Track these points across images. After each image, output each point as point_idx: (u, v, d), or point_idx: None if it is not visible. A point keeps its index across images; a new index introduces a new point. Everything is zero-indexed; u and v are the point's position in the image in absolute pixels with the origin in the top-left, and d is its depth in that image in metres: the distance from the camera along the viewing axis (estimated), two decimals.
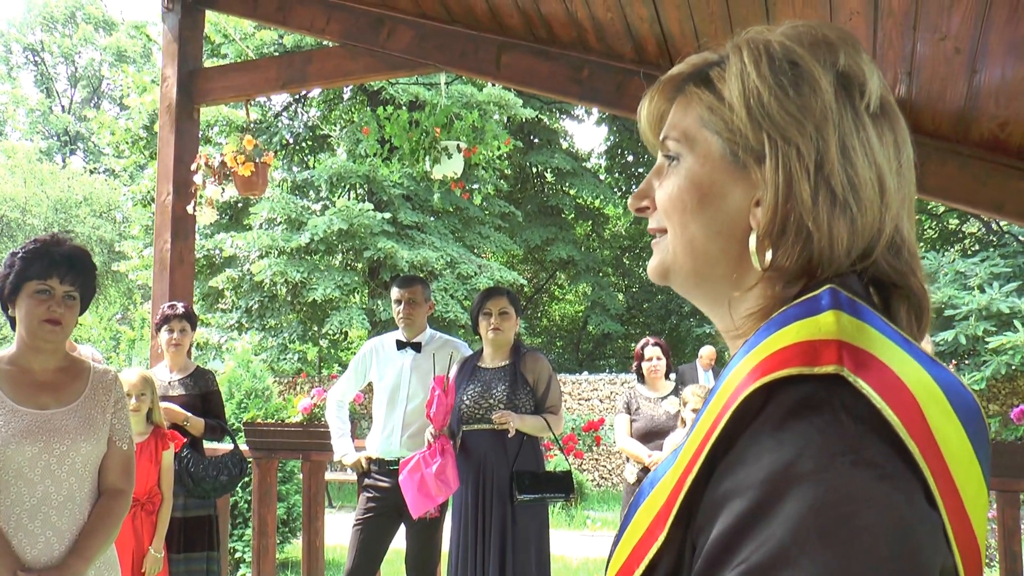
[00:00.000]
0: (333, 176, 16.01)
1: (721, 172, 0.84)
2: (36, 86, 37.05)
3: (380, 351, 4.63)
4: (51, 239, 2.57)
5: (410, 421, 4.42)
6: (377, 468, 4.45)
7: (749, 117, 0.81)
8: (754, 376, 0.71)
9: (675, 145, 0.88)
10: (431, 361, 4.41)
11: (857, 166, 0.78)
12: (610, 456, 13.93)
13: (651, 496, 0.79)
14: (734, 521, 0.66)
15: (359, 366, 4.68)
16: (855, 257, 0.79)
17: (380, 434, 4.48)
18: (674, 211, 0.87)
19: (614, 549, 0.84)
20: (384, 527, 4.44)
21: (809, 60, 0.81)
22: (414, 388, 4.44)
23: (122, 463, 2.61)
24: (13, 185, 26.38)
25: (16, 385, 2.47)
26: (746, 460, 0.68)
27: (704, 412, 0.77)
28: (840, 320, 0.72)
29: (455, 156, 4.80)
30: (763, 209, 0.80)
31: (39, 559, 2.37)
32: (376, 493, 4.42)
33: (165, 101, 5.57)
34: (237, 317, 16.22)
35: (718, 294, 0.87)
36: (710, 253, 0.85)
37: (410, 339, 4.53)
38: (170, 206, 5.38)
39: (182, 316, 4.66)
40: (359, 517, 4.44)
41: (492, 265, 16.95)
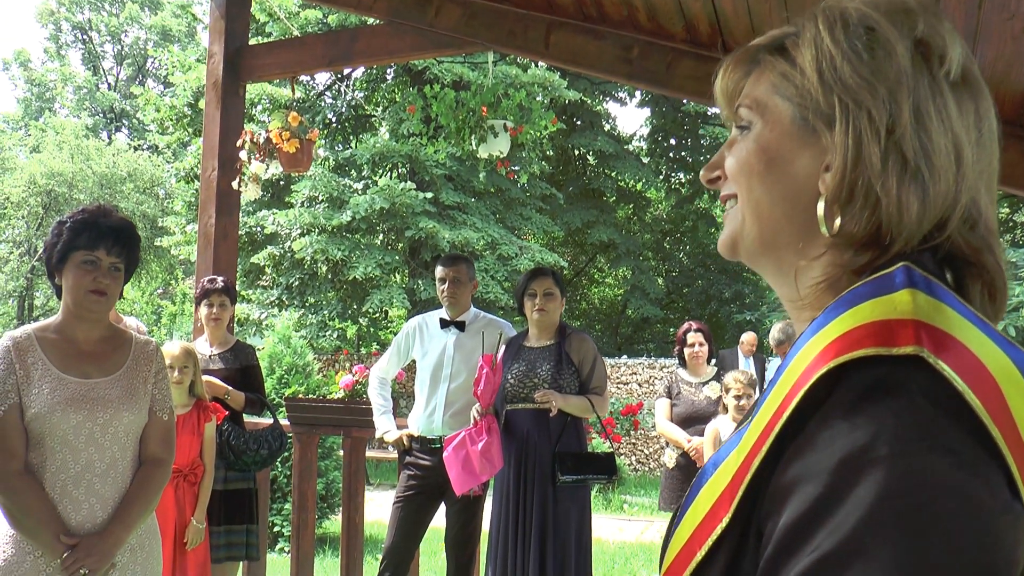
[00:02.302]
0: (375, 155, 16.05)
1: (790, 137, 0.83)
2: (84, 64, 37.56)
3: (424, 329, 4.61)
4: (98, 210, 2.58)
5: (452, 400, 4.40)
6: (419, 446, 4.44)
7: (820, 81, 0.80)
8: (825, 357, 0.69)
9: (747, 113, 0.88)
10: (474, 340, 4.39)
11: (931, 132, 0.76)
12: (647, 441, 13.89)
13: (714, 477, 0.78)
14: (806, 507, 0.64)
15: (402, 344, 4.67)
16: (928, 228, 0.77)
17: (422, 412, 4.47)
18: (741, 175, 0.87)
19: (673, 530, 0.82)
20: (424, 505, 4.43)
21: (885, 25, 0.79)
22: (457, 367, 4.42)
23: (162, 433, 2.62)
24: (61, 160, 26.75)
25: (61, 354, 2.49)
26: (817, 444, 0.66)
27: (771, 393, 0.75)
28: (916, 299, 0.70)
29: (501, 135, 4.76)
30: (832, 174, 0.79)
31: (83, 525, 2.39)
32: (417, 471, 4.41)
33: (211, 78, 5.58)
34: (277, 294, 16.37)
35: (784, 262, 0.86)
36: (775, 218, 0.84)
37: (454, 318, 4.50)
38: (215, 182, 5.40)
39: (222, 291, 4.67)
40: (400, 494, 4.44)
41: (533, 247, 16.93)
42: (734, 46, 3.66)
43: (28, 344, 2.46)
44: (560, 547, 4.02)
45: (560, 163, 21.47)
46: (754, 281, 22.09)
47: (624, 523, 9.35)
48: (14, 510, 2.36)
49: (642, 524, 9.34)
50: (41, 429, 2.38)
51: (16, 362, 2.42)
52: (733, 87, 0.92)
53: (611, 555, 7.35)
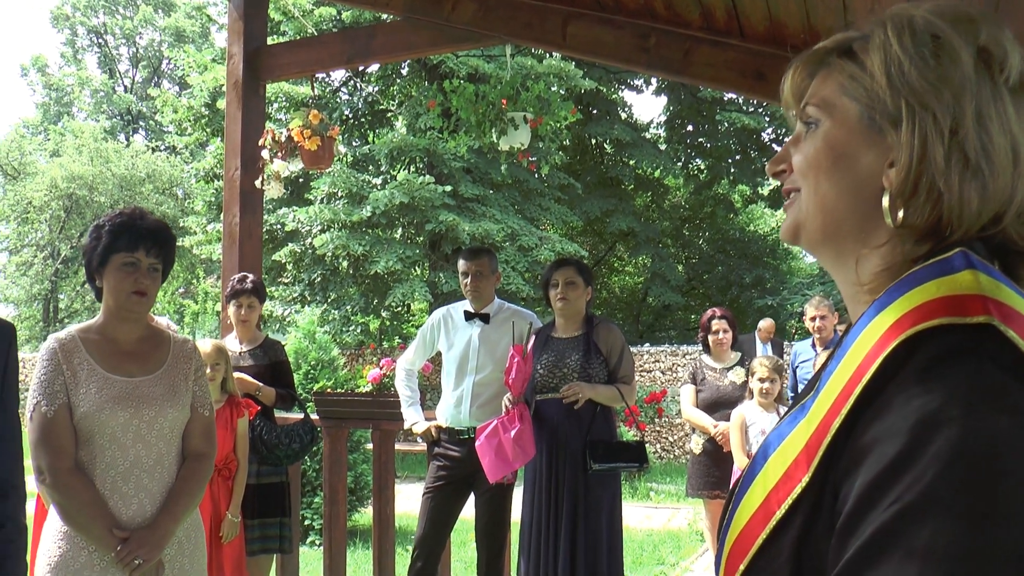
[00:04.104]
0: (393, 150, 16.10)
1: (857, 135, 0.89)
2: (100, 67, 37.79)
3: (448, 321, 4.62)
4: (134, 212, 2.62)
5: (479, 392, 4.40)
6: (447, 437, 4.46)
7: (889, 84, 0.86)
8: (900, 327, 0.76)
9: (815, 111, 0.94)
10: (500, 332, 4.42)
11: (992, 133, 0.83)
12: (672, 428, 13.90)
13: (782, 447, 0.84)
14: (885, 464, 0.70)
15: (427, 335, 4.68)
16: (985, 221, 0.84)
17: (449, 404, 4.48)
18: (809, 171, 0.93)
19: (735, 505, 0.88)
20: (454, 496, 4.45)
21: (950, 33, 0.85)
22: (483, 359, 4.42)
23: (204, 428, 2.68)
24: (80, 164, 26.98)
25: (105, 354, 2.55)
26: (894, 407, 0.72)
27: (838, 366, 0.81)
28: (979, 278, 0.77)
29: (521, 127, 4.79)
30: (897, 170, 0.84)
31: (133, 519, 2.45)
32: (446, 462, 4.43)
33: (231, 78, 5.62)
34: (300, 290, 16.46)
35: (845, 251, 0.92)
36: (839, 210, 0.90)
37: (478, 310, 4.51)
38: (238, 181, 5.45)
39: (250, 292, 4.72)
40: (429, 485, 4.46)
41: (553, 237, 16.94)
42: (751, 33, 3.66)
43: (73, 345, 2.52)
44: (592, 535, 4.05)
45: (577, 152, 21.45)
46: (774, 266, 22.04)
47: (651, 511, 9.37)
48: (67, 506, 2.42)
49: (668, 511, 9.36)
50: (90, 427, 2.44)
51: (63, 363, 2.47)
52: (800, 86, 0.98)
53: (639, 543, 7.38)
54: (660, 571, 6.55)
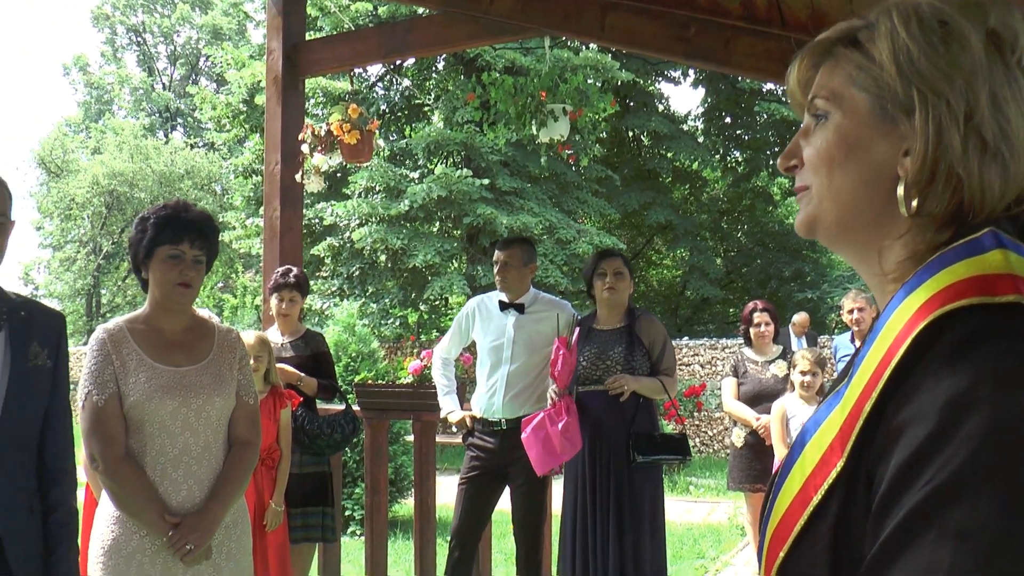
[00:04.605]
0: (430, 144, 16.15)
1: (868, 126, 0.88)
2: (139, 65, 38.33)
3: (482, 310, 4.58)
4: (179, 205, 2.66)
5: (513, 382, 4.38)
6: (481, 427, 4.45)
7: (899, 73, 0.85)
8: (929, 308, 0.75)
9: (823, 104, 0.92)
10: (534, 323, 4.40)
11: (1009, 116, 0.82)
12: (711, 422, 13.82)
13: (818, 434, 0.83)
14: (916, 446, 0.70)
15: (463, 324, 4.66)
16: (1008, 202, 0.83)
17: (483, 394, 4.47)
18: (822, 165, 0.92)
19: (775, 493, 0.88)
20: (489, 486, 4.45)
21: (958, 19, 0.84)
22: (517, 349, 4.39)
23: (249, 416, 2.72)
24: (121, 161, 27.38)
25: (152, 344, 2.59)
26: (923, 388, 0.72)
27: (869, 351, 0.80)
28: (1008, 257, 0.76)
29: (561, 119, 4.78)
30: (912, 158, 0.83)
31: (183, 505, 2.50)
32: (480, 452, 4.43)
33: (271, 74, 5.67)
34: (339, 284, 16.58)
35: (865, 243, 0.91)
36: (856, 203, 0.89)
37: (512, 300, 4.46)
38: (278, 175, 5.50)
39: (292, 286, 4.76)
40: (464, 476, 4.46)
41: (591, 230, 16.90)
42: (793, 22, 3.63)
43: (121, 336, 2.57)
44: (635, 528, 4.04)
45: (615, 145, 21.36)
46: (814, 259, 21.80)
47: (691, 504, 9.34)
48: (120, 493, 2.47)
49: (708, 506, 9.31)
50: (140, 416, 2.49)
51: (112, 353, 2.52)
52: (806, 78, 0.97)
53: (679, 536, 7.35)
54: (700, 565, 6.53)
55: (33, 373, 2.28)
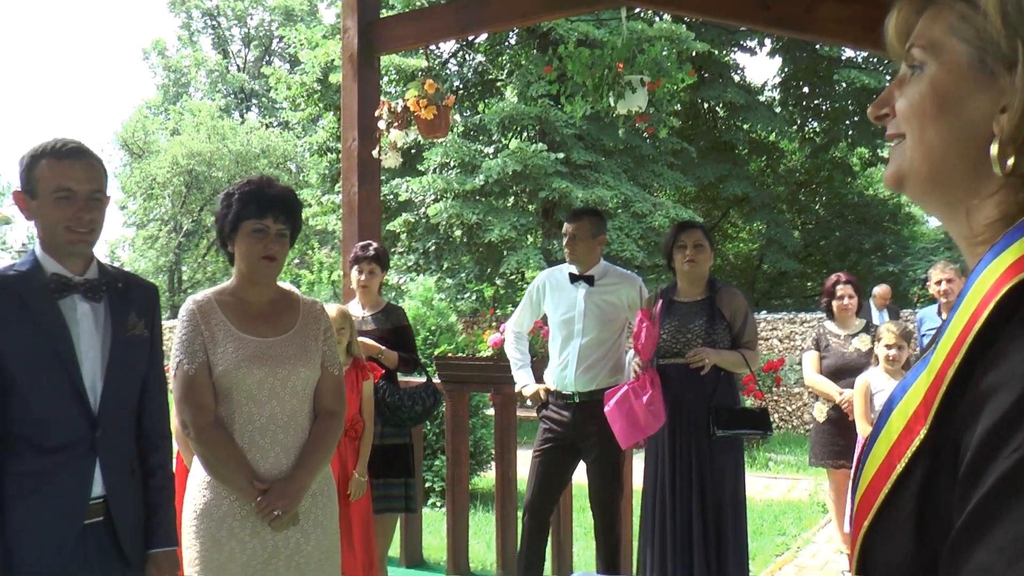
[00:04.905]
0: (504, 118, 16.15)
1: (966, 79, 0.84)
2: (214, 48, 39.17)
3: (553, 282, 4.55)
4: (263, 181, 2.71)
5: (585, 355, 4.34)
6: (554, 400, 4.43)
7: (1004, 24, 0.80)
8: (1014, 271, 0.73)
9: (920, 53, 0.89)
10: (605, 295, 4.36)
11: None
12: (790, 397, 13.62)
13: (904, 399, 0.82)
14: (1002, 412, 0.68)
15: (534, 296, 4.63)
16: None
17: (555, 367, 4.45)
18: (914, 117, 0.88)
19: (864, 460, 0.85)
20: (562, 459, 4.43)
21: None
22: (588, 323, 4.35)
23: (334, 387, 2.76)
24: (199, 141, 27.98)
25: (239, 316, 2.64)
26: (1008, 354, 0.70)
27: (955, 316, 0.79)
28: None
29: (639, 90, 4.72)
30: (1009, 115, 0.79)
31: (270, 472, 2.55)
32: (552, 425, 4.41)
33: (347, 52, 5.70)
34: (415, 259, 16.73)
35: (954, 200, 0.87)
36: (947, 159, 0.86)
37: (582, 272, 4.42)
38: (355, 152, 5.55)
39: (372, 259, 4.80)
40: (538, 448, 4.45)
41: (666, 203, 16.76)
42: None
43: (210, 307, 2.63)
44: (715, 503, 4.00)
45: (690, 117, 21.08)
46: (895, 231, 21.30)
47: (770, 481, 9.24)
48: (210, 459, 2.53)
49: (788, 482, 9.20)
50: (228, 385, 2.54)
51: (201, 324, 2.58)
52: (906, 26, 0.93)
53: (759, 513, 7.28)
54: (782, 542, 6.46)
55: (132, 342, 2.35)
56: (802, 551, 6.21)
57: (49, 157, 2.24)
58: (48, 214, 2.24)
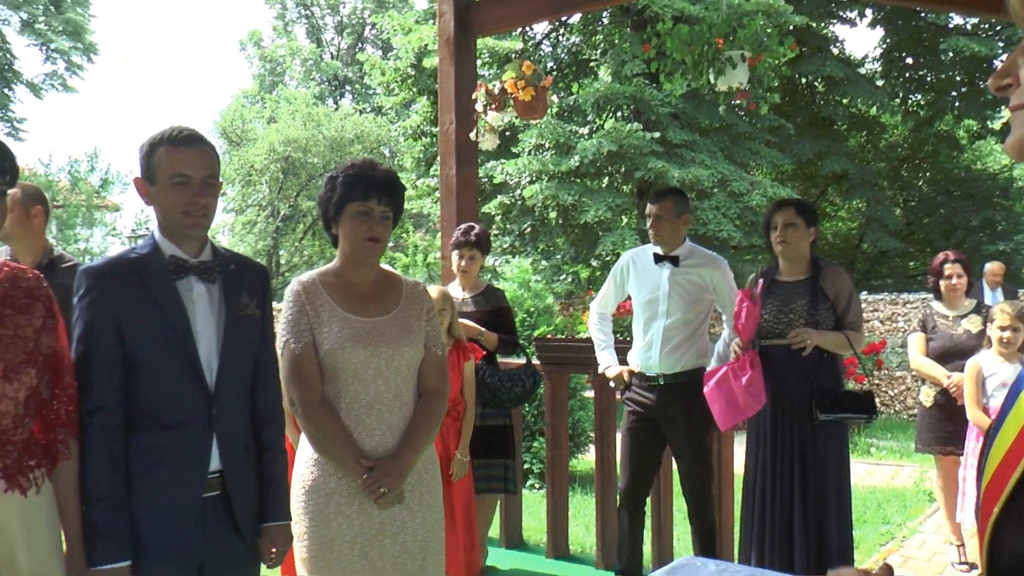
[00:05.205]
0: (599, 99, 16.06)
1: None
2: (308, 37, 40.01)
3: (637, 263, 4.49)
4: (366, 164, 2.74)
5: (669, 336, 4.29)
6: (638, 382, 4.40)
7: None
8: None
9: None
10: (690, 276, 4.30)
11: None
12: (892, 381, 13.25)
13: None
14: None
15: (618, 277, 4.59)
16: None
17: (640, 348, 4.40)
18: None
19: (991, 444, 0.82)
20: (649, 440, 4.39)
21: None
22: (673, 303, 4.30)
23: (437, 366, 2.79)
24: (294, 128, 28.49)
25: (343, 296, 2.69)
26: None
27: None
28: None
29: (740, 66, 4.62)
30: None
31: (376, 450, 2.59)
32: (636, 407, 4.38)
33: (443, 35, 5.72)
34: (510, 241, 16.79)
35: None
36: None
37: (667, 253, 4.36)
38: (453, 135, 5.57)
39: (473, 244, 4.82)
40: (625, 432, 4.45)
41: (764, 182, 16.45)
42: None
43: (315, 288, 2.68)
44: (818, 488, 3.91)
45: (787, 92, 20.57)
46: (1006, 207, 20.48)
47: (872, 467, 9.01)
48: (318, 436, 2.59)
49: (891, 469, 8.95)
50: (334, 364, 2.59)
51: (307, 304, 2.64)
52: None
53: (862, 500, 7.11)
54: (886, 531, 6.30)
55: (244, 322, 2.41)
56: (908, 541, 6.04)
57: (166, 144, 2.31)
58: (166, 199, 2.31)
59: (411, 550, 2.64)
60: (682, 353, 4.27)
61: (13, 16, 29.14)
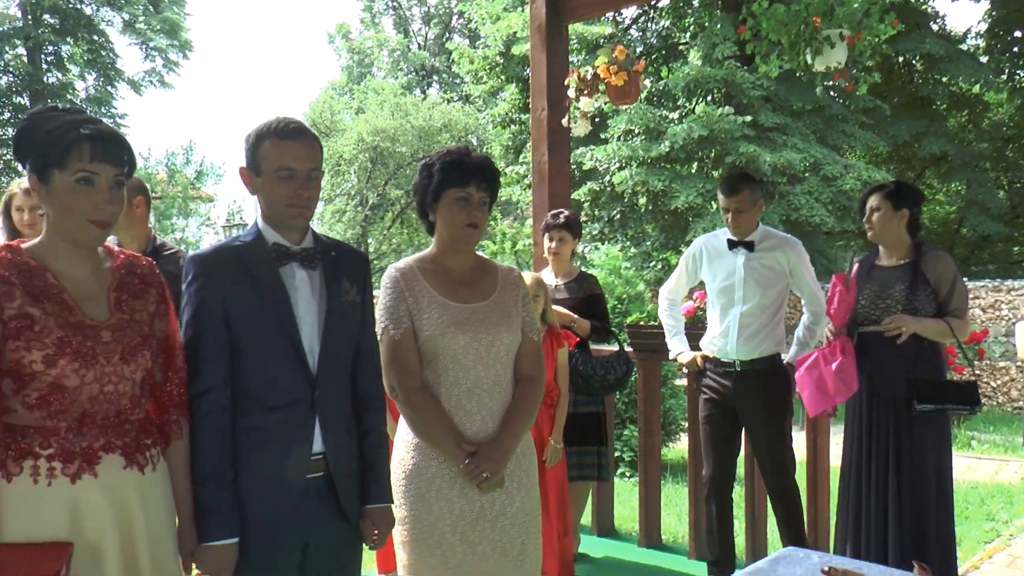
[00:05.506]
0: (690, 83, 15.85)
1: None
2: (395, 29, 40.54)
3: (710, 249, 4.44)
4: (463, 150, 2.75)
5: (746, 323, 4.23)
6: (712, 367, 4.36)
7: None
8: None
9: None
10: (765, 260, 4.24)
11: None
12: (995, 372, 12.81)
13: None
14: None
15: (689, 263, 4.54)
16: None
17: (716, 335, 4.36)
18: None
19: None
20: (729, 427, 4.36)
21: None
22: (749, 289, 4.24)
23: (534, 352, 2.79)
24: (382, 118, 28.86)
25: (441, 282, 2.70)
26: None
27: None
28: None
29: (838, 45, 4.48)
30: None
31: (476, 435, 2.61)
32: (713, 394, 4.35)
33: (535, 21, 5.69)
34: (599, 228, 16.72)
35: None
36: None
37: (741, 238, 4.31)
38: (545, 121, 5.55)
39: (562, 226, 4.80)
40: (704, 417, 4.42)
41: (858, 165, 16.03)
42: None
43: (412, 275, 2.70)
44: (917, 482, 3.76)
45: (884, 71, 19.95)
46: None
47: (974, 461, 8.72)
48: (419, 421, 2.62)
49: (995, 463, 8.65)
50: (434, 350, 2.61)
51: (405, 290, 2.66)
52: None
53: (963, 495, 6.88)
54: (991, 528, 6.08)
55: (345, 307, 2.44)
56: (1015, 539, 5.81)
57: (273, 137, 2.34)
58: (271, 190, 2.35)
59: (510, 534, 2.66)
60: (760, 340, 4.23)
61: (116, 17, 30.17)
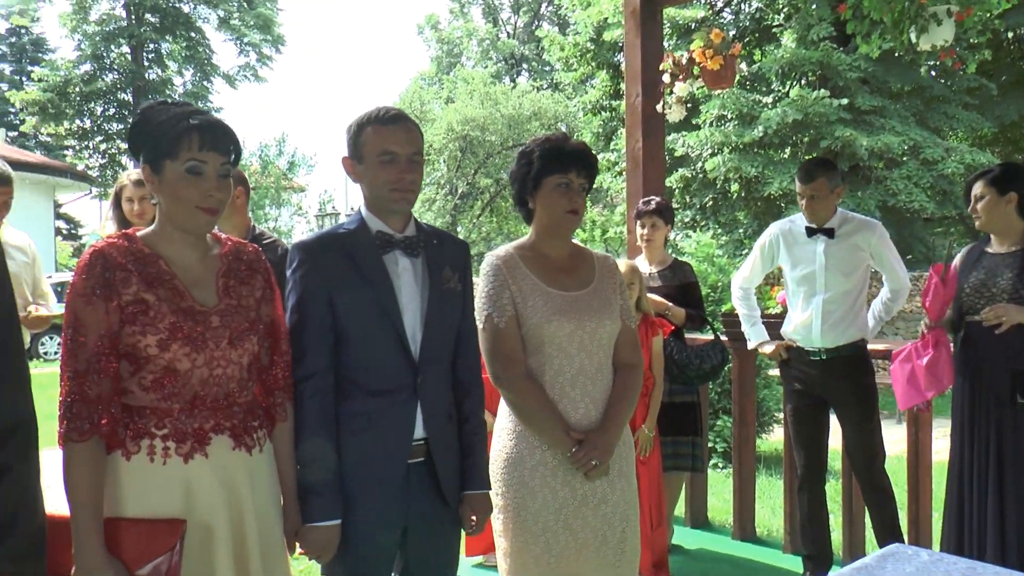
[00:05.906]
0: (784, 66, 15.55)
1: None
2: (484, 18, 40.79)
3: (787, 237, 4.33)
4: (561, 137, 2.75)
5: (829, 310, 4.13)
6: (796, 356, 4.27)
7: None
8: None
9: None
10: (846, 246, 4.12)
11: None
12: None
13: None
14: None
15: (766, 251, 4.44)
16: None
17: (798, 324, 4.25)
18: None
19: None
20: (818, 417, 4.28)
21: None
22: (831, 277, 4.13)
23: (632, 340, 2.79)
24: (472, 107, 29.14)
25: (541, 270, 2.71)
26: None
27: None
28: None
29: (945, 22, 4.31)
30: None
31: (580, 423, 2.61)
32: (798, 384, 4.27)
33: (629, 7, 5.63)
34: (691, 215, 16.53)
35: None
36: None
37: (820, 225, 4.19)
38: (639, 107, 5.50)
39: (652, 212, 4.77)
40: (791, 409, 4.34)
41: (960, 148, 15.46)
42: None
43: (513, 263, 2.70)
44: (1019, 478, 3.60)
45: (990, 49, 19.14)
46: None
47: None
48: (524, 409, 2.63)
49: None
50: (539, 337, 2.61)
51: (508, 278, 2.67)
52: None
53: None
54: None
55: (447, 295, 2.46)
56: None
57: (374, 124, 2.37)
58: (374, 176, 2.38)
59: (611, 522, 2.66)
60: (845, 327, 4.14)
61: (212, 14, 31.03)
